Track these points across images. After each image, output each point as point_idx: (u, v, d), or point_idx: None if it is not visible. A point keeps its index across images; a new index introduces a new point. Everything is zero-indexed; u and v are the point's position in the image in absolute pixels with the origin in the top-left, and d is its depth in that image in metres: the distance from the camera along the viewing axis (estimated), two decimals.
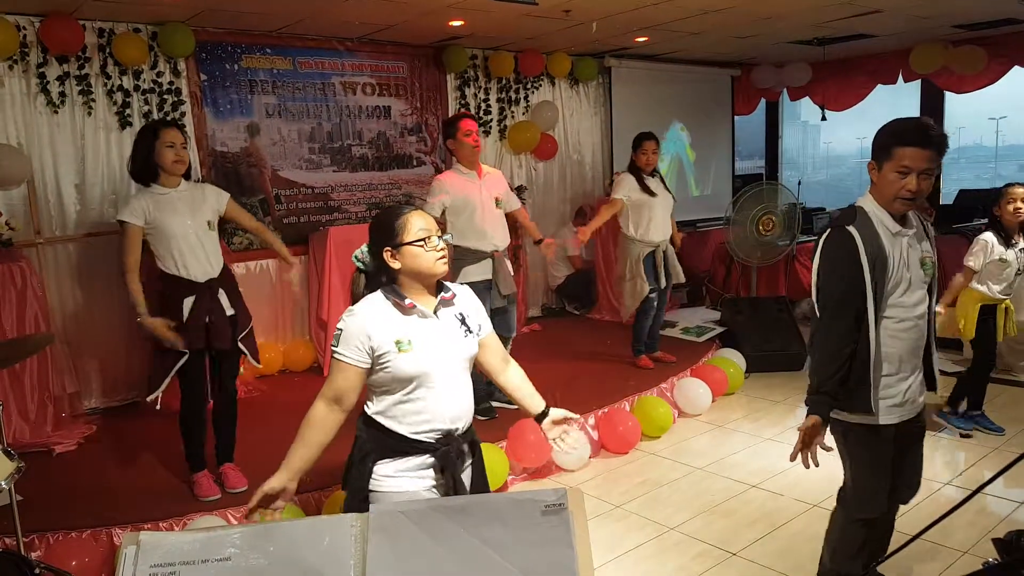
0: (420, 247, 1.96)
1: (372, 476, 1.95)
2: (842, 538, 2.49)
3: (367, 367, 1.93)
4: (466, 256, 4.11)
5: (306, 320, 5.53)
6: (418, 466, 1.96)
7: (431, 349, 1.94)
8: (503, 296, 4.20)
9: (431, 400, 1.95)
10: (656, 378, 4.85)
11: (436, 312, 2.00)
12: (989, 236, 4.00)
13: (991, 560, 1.54)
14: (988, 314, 4.11)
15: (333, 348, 1.95)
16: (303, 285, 5.47)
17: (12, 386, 4.01)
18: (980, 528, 3.19)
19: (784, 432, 4.45)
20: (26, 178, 4.30)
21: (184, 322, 3.19)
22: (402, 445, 1.95)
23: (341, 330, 1.93)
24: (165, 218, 3.20)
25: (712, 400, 4.86)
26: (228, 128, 5.17)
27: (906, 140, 2.15)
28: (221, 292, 3.32)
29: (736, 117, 8.39)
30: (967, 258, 4.07)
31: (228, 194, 3.48)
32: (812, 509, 3.46)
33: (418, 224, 1.97)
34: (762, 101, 8.54)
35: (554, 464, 3.98)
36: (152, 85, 4.77)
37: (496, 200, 4.20)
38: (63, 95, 4.47)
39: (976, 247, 4.04)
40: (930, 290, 2.36)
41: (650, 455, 4.20)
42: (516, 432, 3.85)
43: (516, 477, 3.90)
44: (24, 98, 4.38)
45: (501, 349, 2.21)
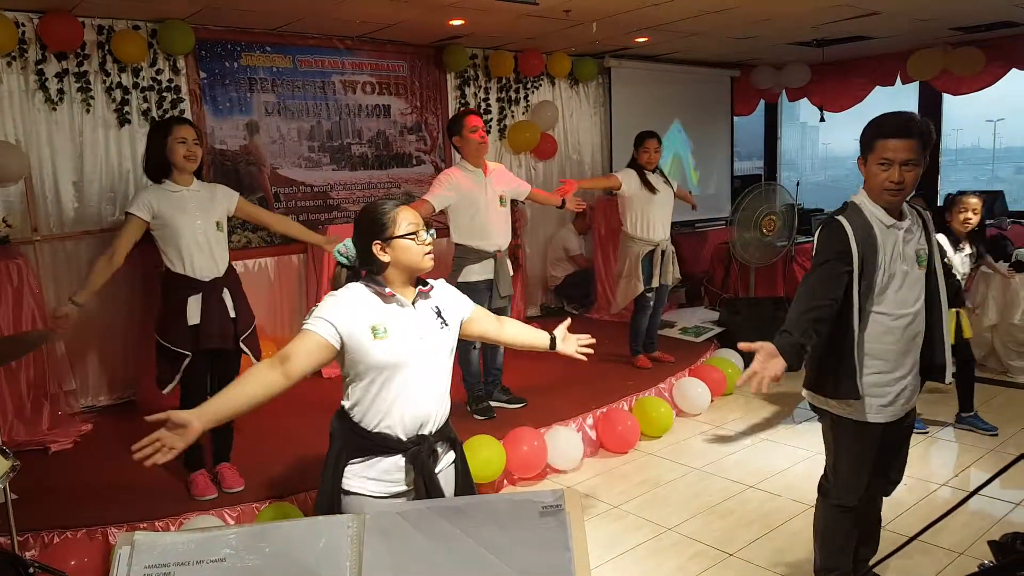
0: (411, 240, 1.98)
1: (344, 476, 1.94)
2: (826, 528, 2.54)
3: (328, 342, 1.89)
4: (468, 255, 4.09)
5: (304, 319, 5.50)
6: (390, 467, 1.94)
7: (407, 339, 1.94)
8: (502, 297, 4.19)
9: (404, 392, 1.93)
10: (655, 378, 4.85)
11: (414, 303, 2.01)
12: (941, 238, 4.04)
13: (987, 562, 1.54)
14: None
15: (303, 322, 1.94)
16: (300, 284, 5.46)
17: (8, 383, 4.00)
18: (975, 530, 3.19)
19: (782, 433, 4.45)
20: (24, 175, 4.29)
21: (199, 324, 3.20)
22: (373, 442, 1.93)
23: (316, 307, 1.95)
24: (175, 216, 3.19)
25: (711, 400, 4.87)
26: (227, 126, 5.16)
27: (886, 132, 2.20)
28: (225, 292, 3.32)
29: (735, 118, 8.39)
30: None
31: (238, 194, 3.46)
32: (809, 510, 3.41)
33: (408, 218, 2.00)
34: (761, 102, 8.55)
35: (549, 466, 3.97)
36: (151, 83, 4.76)
37: (500, 198, 4.17)
38: (61, 92, 4.46)
39: None
40: (933, 286, 2.36)
41: (648, 455, 4.20)
42: (511, 440, 3.80)
43: (515, 476, 3.89)
44: (22, 95, 4.36)
45: (491, 316, 2.28)
